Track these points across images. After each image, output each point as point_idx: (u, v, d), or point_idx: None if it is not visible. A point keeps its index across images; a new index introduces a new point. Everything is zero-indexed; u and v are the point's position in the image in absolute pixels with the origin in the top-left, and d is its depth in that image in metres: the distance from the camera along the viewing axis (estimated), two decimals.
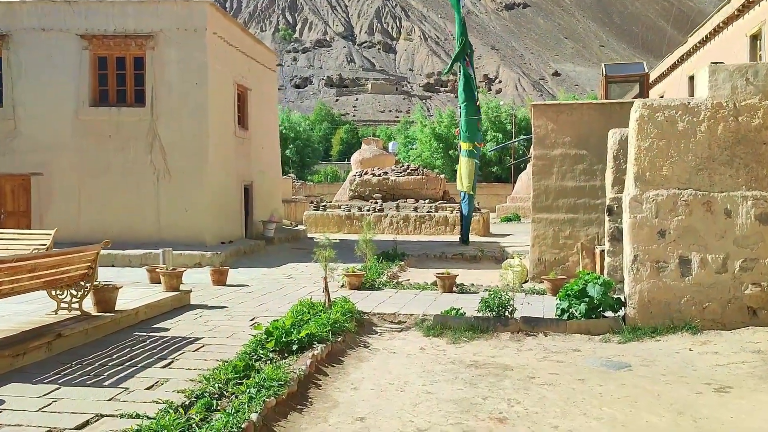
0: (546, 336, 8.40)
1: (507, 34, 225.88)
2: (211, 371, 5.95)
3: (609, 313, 8.62)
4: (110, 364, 6.48)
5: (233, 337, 7.80)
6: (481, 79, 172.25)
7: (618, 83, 15.86)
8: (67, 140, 16.35)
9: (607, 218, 10.96)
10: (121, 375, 6.08)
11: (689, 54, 22.37)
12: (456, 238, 22.78)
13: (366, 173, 26.72)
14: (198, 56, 16.32)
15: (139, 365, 6.44)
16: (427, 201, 25.54)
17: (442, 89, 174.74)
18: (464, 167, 21.48)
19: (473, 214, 24.33)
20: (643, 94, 15.18)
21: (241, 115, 19.31)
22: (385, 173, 26.40)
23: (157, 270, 10.42)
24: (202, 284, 12.29)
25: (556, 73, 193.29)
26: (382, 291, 11.52)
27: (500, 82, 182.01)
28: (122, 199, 16.33)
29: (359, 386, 6.31)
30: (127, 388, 5.66)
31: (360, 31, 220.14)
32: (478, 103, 21.04)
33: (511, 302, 8.80)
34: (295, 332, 7.15)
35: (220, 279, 12.07)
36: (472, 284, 12.23)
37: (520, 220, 37.79)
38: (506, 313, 8.71)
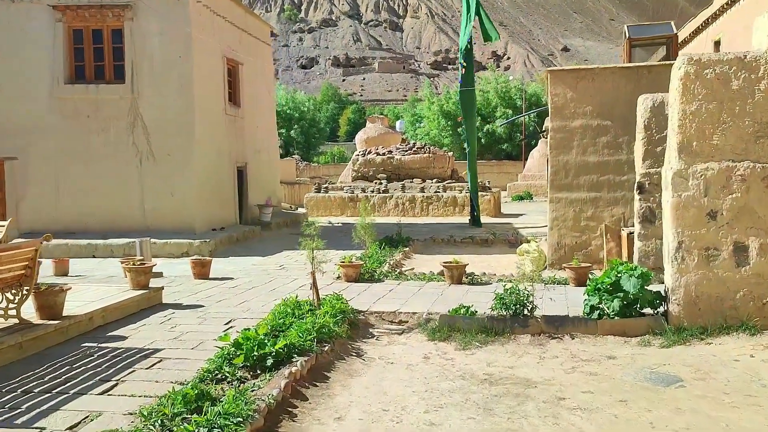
0: (573, 339, 7.09)
1: (515, 9, 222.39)
2: (158, 401, 4.69)
3: (647, 310, 7.29)
4: (38, 389, 5.24)
5: (200, 347, 6.54)
6: (489, 56, 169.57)
7: (643, 46, 14.37)
8: (42, 121, 15.07)
9: (637, 197, 9.60)
10: (44, 407, 4.83)
11: (715, 17, 20.74)
12: (466, 219, 21.44)
13: (369, 152, 25.35)
14: (181, 27, 14.94)
15: (73, 390, 5.20)
16: (434, 181, 24.18)
17: (449, 67, 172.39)
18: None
19: (483, 193, 22.97)
20: (671, 57, 13.70)
21: (232, 92, 17.96)
22: (390, 152, 25.02)
23: (124, 264, 9.16)
24: (183, 277, 11.07)
25: (566, 49, 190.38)
26: (382, 283, 10.24)
27: (509, 58, 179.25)
28: (103, 183, 15.08)
29: (345, 415, 5.04)
30: (43, 429, 4.41)
31: (366, 10, 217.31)
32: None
33: (531, 298, 7.48)
34: (270, 343, 5.88)
35: (202, 272, 10.82)
36: (484, 273, 10.93)
37: (532, 198, 36.41)
38: (525, 312, 7.40)
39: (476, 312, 7.59)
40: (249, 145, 18.75)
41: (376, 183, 24.27)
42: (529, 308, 7.42)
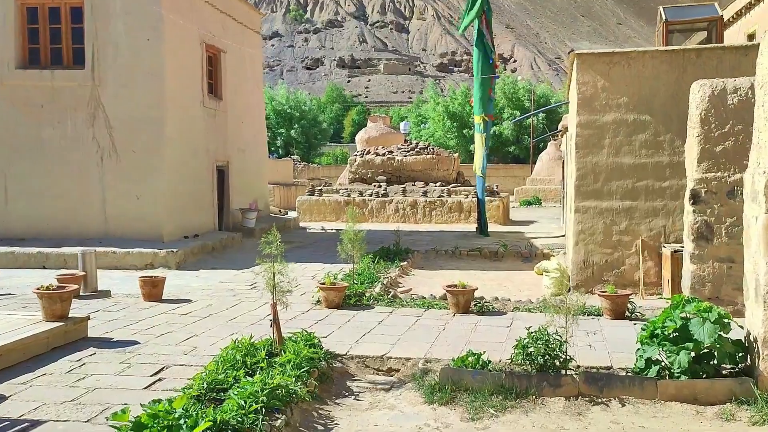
0: (623, 405, 5.16)
1: (522, 12, 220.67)
2: None
3: (724, 365, 5.36)
4: None
5: (98, 419, 4.62)
6: (496, 59, 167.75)
7: (683, 31, 12.44)
8: None
9: (690, 208, 7.66)
10: None
11: (749, 7, 18.79)
12: (472, 227, 19.51)
13: (368, 152, 23.42)
14: (150, 6, 13.04)
15: None
16: (438, 184, 22.24)
17: (455, 69, 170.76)
18: (477, 144, 18.23)
19: (491, 198, 21.04)
20: (715, 43, 11.79)
21: (213, 83, 16.08)
22: (390, 152, 23.08)
23: (40, 290, 7.09)
24: (134, 297, 9.16)
25: (573, 52, 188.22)
26: (371, 310, 8.32)
27: (515, 61, 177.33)
28: (59, 184, 13.21)
29: None
30: None
31: (372, 11, 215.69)
32: (494, 64, 17.60)
33: (564, 347, 5.55)
34: (188, 423, 3.97)
35: (152, 292, 8.90)
36: (496, 298, 8.99)
37: (541, 203, 34.53)
38: (556, 363, 5.47)
39: (489, 363, 5.66)
40: (232, 143, 16.85)
41: (374, 186, 22.35)
42: (561, 359, 5.49)
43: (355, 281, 9.81)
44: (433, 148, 23.43)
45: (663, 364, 5.27)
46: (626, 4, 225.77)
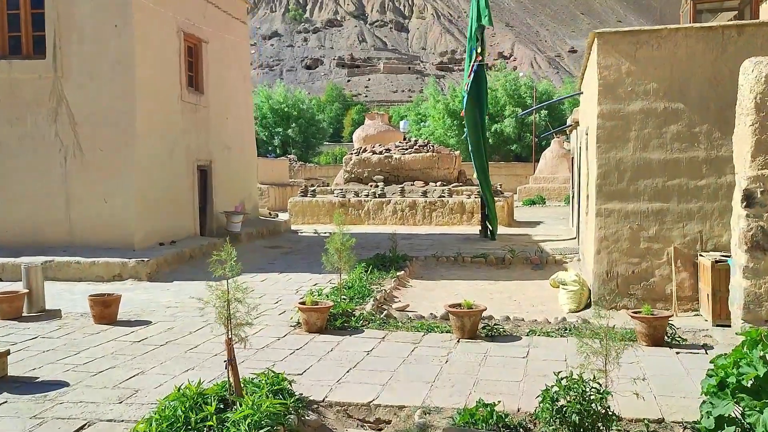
0: None
1: (521, 10, 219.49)
2: None
3: None
4: None
5: None
6: (495, 57, 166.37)
7: (712, 11, 11.12)
8: None
9: (743, 212, 6.36)
10: None
11: None
12: (475, 228, 18.20)
13: (365, 150, 22.11)
14: None
15: None
16: (438, 183, 20.93)
17: (455, 68, 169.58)
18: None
19: (495, 198, 19.72)
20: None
21: (193, 75, 14.78)
22: (388, 150, 21.75)
23: None
24: (86, 318, 7.86)
25: (573, 50, 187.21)
26: (360, 335, 7.01)
27: (515, 60, 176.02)
28: (18, 186, 11.92)
29: None
30: None
31: (371, 10, 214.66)
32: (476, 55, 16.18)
33: (606, 399, 4.23)
34: None
35: (105, 313, 7.59)
36: (507, 318, 7.69)
37: (545, 203, 33.31)
38: (598, 426, 4.15)
39: (506, 417, 4.36)
40: (215, 140, 15.55)
41: (371, 186, 21.04)
42: (603, 416, 4.17)
43: (343, 297, 8.53)
44: (432, 146, 22.12)
45: (741, 424, 3.96)
46: (626, 1, 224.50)
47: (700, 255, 8.16)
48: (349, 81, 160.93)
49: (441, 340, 6.76)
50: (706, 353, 6.23)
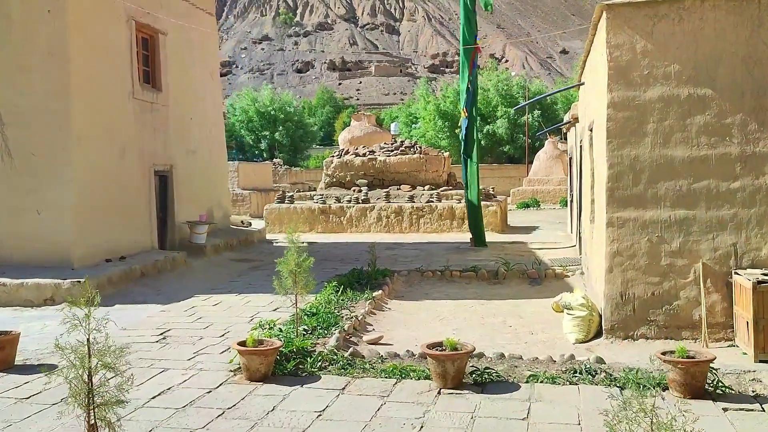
0: None
1: (513, 12, 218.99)
2: None
3: None
4: None
5: None
6: (487, 59, 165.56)
7: None
8: None
9: None
10: None
11: None
12: (466, 236, 16.68)
13: (347, 153, 20.59)
14: None
15: None
16: (426, 187, 19.44)
17: (447, 70, 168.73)
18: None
19: (487, 203, 18.25)
20: None
21: (150, 70, 13.26)
22: (372, 152, 20.24)
23: None
24: None
25: (564, 51, 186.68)
26: (314, 385, 5.49)
27: (507, 61, 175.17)
28: None
29: None
30: None
31: (362, 13, 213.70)
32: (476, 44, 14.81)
33: None
34: None
35: None
36: (502, 356, 6.18)
37: (539, 206, 31.93)
38: None
39: None
40: (177, 143, 14.00)
41: (354, 191, 19.53)
42: None
43: (304, 327, 7.02)
44: (420, 147, 20.63)
45: None
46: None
47: (736, 273, 6.69)
48: (340, 84, 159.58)
49: (417, 391, 5.26)
50: (763, 410, 4.76)
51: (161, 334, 7.37)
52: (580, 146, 12.30)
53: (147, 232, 12.72)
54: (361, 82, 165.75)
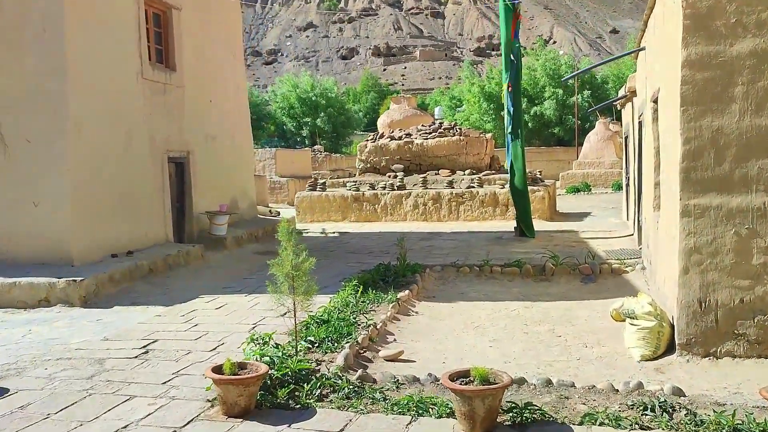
0: None
1: None
2: None
3: None
4: None
5: None
6: (534, 40, 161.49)
7: None
8: None
9: None
10: None
11: None
12: (510, 224, 15.26)
13: (382, 136, 19.33)
14: None
15: None
16: (467, 172, 18.05)
17: (493, 53, 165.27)
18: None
19: (533, 188, 16.77)
20: None
21: (163, 49, 12.26)
22: (408, 135, 18.93)
23: None
24: None
25: (615, 31, 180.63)
26: (305, 423, 4.30)
27: (555, 42, 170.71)
28: None
29: None
30: None
31: None
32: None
33: None
34: None
35: None
36: (548, 383, 4.87)
37: (590, 190, 30.16)
38: None
39: None
40: (194, 127, 13.00)
41: (389, 176, 18.29)
42: None
43: (309, 340, 5.85)
44: (460, 129, 19.21)
45: None
46: None
47: None
48: (385, 70, 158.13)
49: None
50: None
51: (144, 347, 6.29)
52: (640, 122, 10.77)
53: (161, 224, 11.76)
54: (405, 68, 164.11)
